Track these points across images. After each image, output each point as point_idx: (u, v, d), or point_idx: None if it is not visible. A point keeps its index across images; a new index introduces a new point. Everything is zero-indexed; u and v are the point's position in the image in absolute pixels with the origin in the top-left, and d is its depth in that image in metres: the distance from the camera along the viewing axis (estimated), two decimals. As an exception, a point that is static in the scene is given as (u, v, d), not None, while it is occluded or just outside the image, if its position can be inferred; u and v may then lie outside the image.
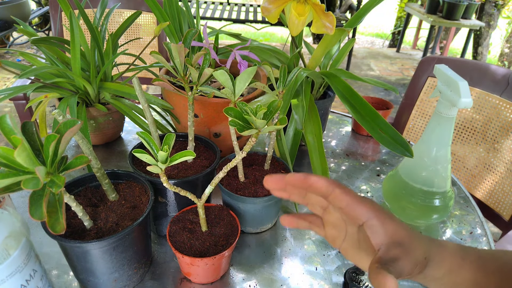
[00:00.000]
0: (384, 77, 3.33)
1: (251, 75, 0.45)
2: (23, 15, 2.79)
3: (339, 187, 0.33)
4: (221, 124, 0.68)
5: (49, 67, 0.68)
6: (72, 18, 0.65)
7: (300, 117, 0.62)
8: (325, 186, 0.33)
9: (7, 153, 0.30)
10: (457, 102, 0.51)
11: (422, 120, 1.10)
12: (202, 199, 0.48)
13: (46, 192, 0.32)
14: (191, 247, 0.48)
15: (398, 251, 0.31)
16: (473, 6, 3.22)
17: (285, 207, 0.68)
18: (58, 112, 0.39)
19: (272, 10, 0.57)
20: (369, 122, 0.57)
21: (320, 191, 0.34)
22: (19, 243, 0.38)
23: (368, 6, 0.67)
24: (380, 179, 0.77)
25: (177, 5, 0.75)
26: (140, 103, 0.53)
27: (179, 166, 0.58)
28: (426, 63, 1.08)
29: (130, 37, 1.49)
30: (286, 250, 0.59)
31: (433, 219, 0.62)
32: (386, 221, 0.33)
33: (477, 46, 3.59)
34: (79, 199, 0.49)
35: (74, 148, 0.81)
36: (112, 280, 0.47)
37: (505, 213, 0.91)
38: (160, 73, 0.72)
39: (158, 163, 0.39)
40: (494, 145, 0.94)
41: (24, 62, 2.55)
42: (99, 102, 0.75)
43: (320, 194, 0.34)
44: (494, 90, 0.95)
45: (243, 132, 0.40)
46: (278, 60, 0.80)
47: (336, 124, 0.99)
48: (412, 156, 0.54)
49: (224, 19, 2.86)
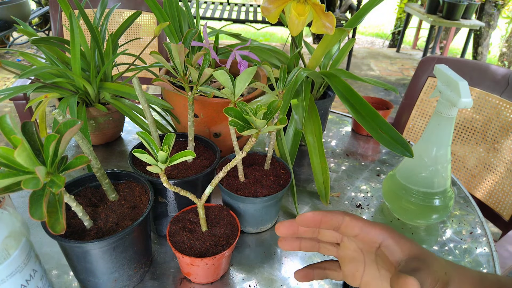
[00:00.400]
0: (384, 77, 3.33)
1: (251, 75, 0.45)
2: (23, 15, 2.79)
3: (348, 215, 0.34)
4: (221, 124, 0.68)
5: (49, 67, 0.68)
6: (72, 18, 0.65)
7: (300, 117, 0.62)
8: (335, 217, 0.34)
9: (7, 153, 0.30)
10: (457, 102, 0.51)
11: (422, 120, 1.10)
12: (202, 199, 0.48)
13: (46, 192, 0.32)
14: (191, 247, 0.48)
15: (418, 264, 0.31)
16: (473, 6, 3.22)
17: (285, 207, 0.68)
18: (58, 112, 0.39)
19: (272, 10, 0.57)
20: (369, 122, 0.57)
21: (330, 223, 0.34)
22: (19, 243, 0.38)
23: (368, 6, 0.67)
24: (380, 179, 0.77)
25: (177, 5, 0.75)
26: (140, 103, 0.53)
27: (179, 166, 0.58)
28: (426, 63, 1.08)
29: (130, 37, 1.49)
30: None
31: (433, 219, 0.62)
32: (401, 240, 0.33)
33: (477, 46, 3.59)
34: (79, 199, 0.49)
35: (74, 148, 0.81)
36: (112, 280, 0.47)
37: (505, 213, 0.91)
38: (160, 73, 0.72)
39: (158, 163, 0.39)
40: (494, 145, 0.94)
41: (24, 62, 2.55)
42: (99, 102, 0.75)
43: (331, 227, 0.35)
44: (494, 90, 0.95)
45: (243, 132, 0.40)
46: (278, 60, 0.80)
47: (336, 124, 0.99)
48: (412, 156, 0.54)
49: (224, 19, 2.86)
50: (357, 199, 0.71)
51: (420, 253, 0.33)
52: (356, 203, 0.70)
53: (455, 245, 0.62)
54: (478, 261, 0.59)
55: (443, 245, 0.62)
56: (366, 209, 0.69)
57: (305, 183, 0.75)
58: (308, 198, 0.70)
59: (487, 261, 0.59)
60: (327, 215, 0.34)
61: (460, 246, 0.62)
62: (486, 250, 0.61)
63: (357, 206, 0.69)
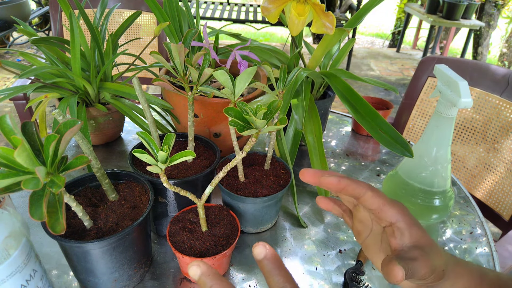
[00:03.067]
0: (384, 77, 3.33)
1: (251, 75, 0.45)
2: (23, 15, 2.79)
3: (371, 189, 0.35)
4: (221, 124, 0.68)
5: (49, 67, 0.68)
6: (72, 18, 0.65)
7: (300, 117, 0.62)
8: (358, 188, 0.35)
9: (7, 153, 0.30)
10: (457, 102, 0.51)
11: (422, 120, 1.10)
12: (202, 199, 0.48)
13: (46, 192, 0.32)
14: (191, 247, 0.48)
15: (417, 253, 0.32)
16: (473, 6, 3.22)
17: (285, 207, 0.68)
18: (58, 112, 0.39)
19: (272, 10, 0.56)
20: (369, 122, 0.57)
21: (352, 193, 0.35)
22: (19, 243, 0.38)
23: (368, 6, 0.67)
24: (380, 179, 0.77)
25: (177, 5, 0.75)
26: (140, 103, 0.53)
27: (179, 166, 0.58)
28: (426, 63, 1.08)
29: (130, 37, 1.49)
30: (286, 250, 0.59)
31: (433, 219, 0.62)
32: (413, 226, 0.34)
33: (477, 46, 3.59)
34: (79, 199, 0.49)
35: (74, 148, 0.81)
36: (112, 280, 0.47)
37: (505, 213, 0.91)
38: (160, 73, 0.72)
39: (158, 163, 0.39)
40: (494, 145, 0.94)
41: (24, 62, 2.55)
42: (99, 102, 0.75)
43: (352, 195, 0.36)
44: (494, 90, 0.95)
45: (243, 132, 0.40)
46: (278, 60, 0.80)
47: (336, 124, 0.99)
48: (412, 156, 0.54)
49: (224, 19, 2.86)
50: (357, 199, 0.71)
51: (426, 244, 0.33)
52: (356, 203, 0.70)
53: (455, 245, 0.62)
54: (478, 261, 0.59)
55: (443, 245, 0.62)
56: (366, 209, 0.69)
57: (305, 183, 0.75)
58: (308, 198, 0.70)
59: (487, 261, 0.59)
60: (351, 184, 0.35)
61: (460, 246, 0.62)
62: (486, 250, 0.61)
63: (357, 206, 0.69)
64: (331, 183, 0.35)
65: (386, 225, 0.35)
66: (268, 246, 0.28)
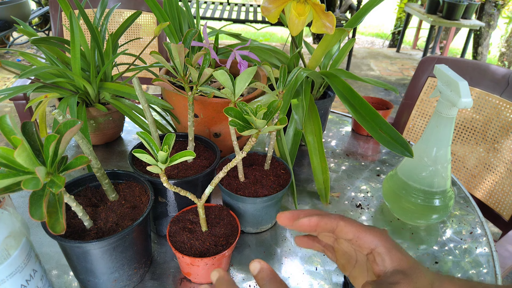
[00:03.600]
0: (384, 77, 3.33)
1: (251, 75, 0.45)
2: (23, 15, 2.79)
3: (343, 220, 0.35)
4: (221, 124, 0.68)
5: (49, 67, 0.68)
6: (72, 18, 0.65)
7: (300, 117, 0.62)
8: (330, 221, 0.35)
9: (7, 153, 0.30)
10: (457, 102, 0.51)
11: (422, 120, 1.10)
12: (202, 199, 0.48)
13: (46, 192, 0.32)
14: (191, 247, 0.48)
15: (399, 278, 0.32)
16: (473, 6, 3.22)
17: (285, 207, 0.68)
18: (58, 112, 0.39)
19: (272, 10, 0.57)
20: (369, 122, 0.57)
21: (325, 228, 0.35)
22: (19, 243, 0.38)
23: (368, 6, 0.67)
24: (380, 179, 0.77)
25: (177, 5, 0.75)
26: (140, 103, 0.53)
27: (179, 166, 0.58)
28: (426, 63, 1.08)
29: (130, 37, 1.49)
30: (286, 250, 0.59)
31: (433, 219, 0.62)
32: (392, 250, 0.33)
33: (477, 46, 3.59)
34: (79, 199, 0.49)
35: (74, 148, 0.81)
36: (112, 280, 0.47)
37: (505, 213, 0.91)
38: (160, 73, 0.72)
39: (158, 163, 0.39)
40: (494, 145, 0.94)
41: (24, 62, 2.55)
42: (99, 102, 0.75)
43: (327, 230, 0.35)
44: (494, 90, 0.95)
45: (243, 132, 0.40)
46: (278, 60, 0.80)
47: (336, 124, 0.99)
48: (412, 156, 0.54)
49: (224, 19, 2.86)
50: (357, 199, 0.71)
51: (408, 267, 0.33)
52: (356, 203, 0.70)
53: (455, 245, 0.62)
54: (478, 261, 0.59)
55: (443, 245, 0.62)
56: (366, 209, 0.69)
57: (305, 183, 0.75)
58: (308, 198, 0.70)
59: (487, 261, 0.59)
60: (322, 219, 0.35)
61: (460, 246, 0.62)
62: (486, 250, 0.61)
63: (357, 206, 0.69)
64: (303, 225, 0.35)
65: (367, 252, 0.35)
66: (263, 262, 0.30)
